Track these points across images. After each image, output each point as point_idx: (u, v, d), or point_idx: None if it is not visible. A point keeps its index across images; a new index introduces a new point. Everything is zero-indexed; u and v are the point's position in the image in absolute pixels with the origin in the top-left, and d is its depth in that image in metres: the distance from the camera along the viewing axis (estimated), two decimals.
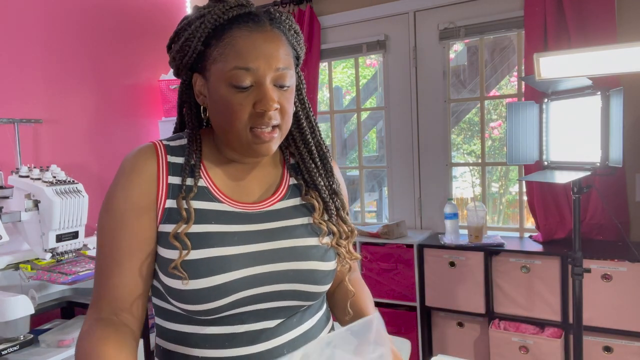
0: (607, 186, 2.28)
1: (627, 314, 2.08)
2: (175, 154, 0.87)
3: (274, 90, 0.81)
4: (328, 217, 0.93)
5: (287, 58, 0.83)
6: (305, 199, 0.92)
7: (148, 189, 0.83)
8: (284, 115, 0.83)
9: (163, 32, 3.12)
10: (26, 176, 1.91)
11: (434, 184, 2.87)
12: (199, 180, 0.86)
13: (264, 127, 0.81)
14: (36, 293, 1.87)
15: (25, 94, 2.39)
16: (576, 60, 1.71)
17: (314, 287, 0.87)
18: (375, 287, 2.68)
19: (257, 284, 0.82)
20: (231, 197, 0.88)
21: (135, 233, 0.82)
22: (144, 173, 0.83)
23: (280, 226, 0.87)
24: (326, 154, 0.96)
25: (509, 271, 2.35)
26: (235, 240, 0.83)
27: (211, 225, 0.83)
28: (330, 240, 0.91)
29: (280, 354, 0.83)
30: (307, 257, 0.86)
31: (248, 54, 0.80)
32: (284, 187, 0.93)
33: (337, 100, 4.09)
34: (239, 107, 0.80)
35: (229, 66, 0.80)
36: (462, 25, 2.68)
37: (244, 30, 0.81)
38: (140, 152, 0.85)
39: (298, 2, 3.01)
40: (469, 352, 2.50)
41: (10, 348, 1.66)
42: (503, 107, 3.58)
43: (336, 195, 0.95)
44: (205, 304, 0.79)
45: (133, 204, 0.82)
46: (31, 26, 2.42)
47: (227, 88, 0.81)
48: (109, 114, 2.80)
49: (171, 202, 0.83)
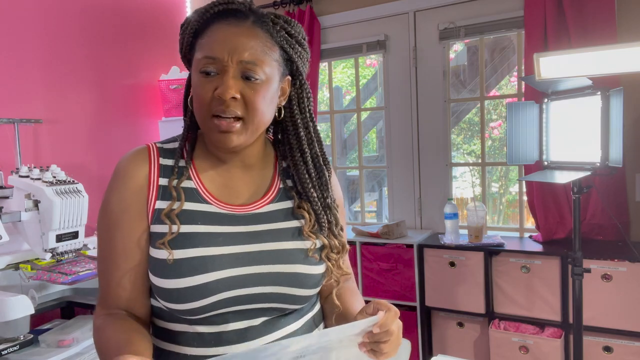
0: (607, 186, 2.28)
1: (627, 314, 2.08)
2: (167, 156, 0.90)
3: (237, 81, 0.82)
4: (319, 230, 0.92)
5: (258, 54, 0.83)
6: (297, 212, 0.92)
7: (139, 192, 0.86)
8: (249, 108, 0.83)
9: (163, 32, 3.12)
10: (26, 176, 1.91)
11: (434, 184, 2.87)
12: (188, 181, 0.88)
13: (223, 115, 0.82)
14: (36, 293, 1.87)
15: (25, 94, 2.39)
16: (576, 60, 1.71)
17: (298, 291, 0.87)
18: (375, 287, 2.68)
19: (239, 285, 0.83)
20: (219, 199, 0.89)
21: (129, 234, 0.85)
22: (136, 176, 0.87)
23: (266, 229, 0.88)
24: (322, 167, 0.95)
25: (509, 271, 2.35)
26: (220, 241, 0.84)
27: (197, 225, 0.85)
28: (320, 252, 0.91)
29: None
30: (291, 260, 0.87)
31: (216, 44, 0.83)
32: (273, 190, 0.94)
33: (337, 100, 4.09)
34: (202, 91, 0.83)
35: (201, 55, 0.84)
36: (462, 25, 2.68)
37: (222, 24, 0.84)
38: (133, 156, 0.89)
39: (298, 2, 3.01)
40: (469, 352, 2.50)
41: (10, 348, 1.66)
42: (503, 107, 3.58)
43: (329, 210, 0.94)
44: (188, 304, 0.81)
45: (126, 207, 0.86)
46: (31, 26, 2.42)
47: (197, 76, 0.84)
48: (109, 114, 2.80)
49: (160, 203, 0.86)
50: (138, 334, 0.81)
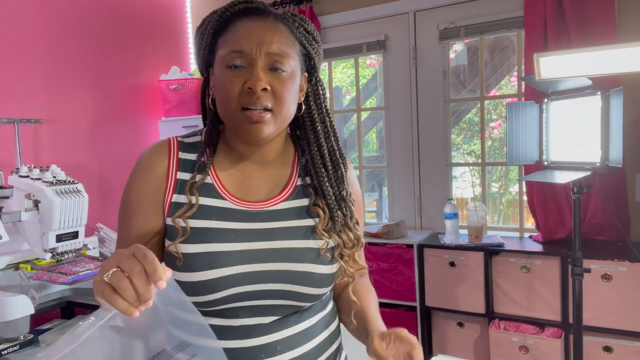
0: (607, 186, 2.28)
1: (627, 314, 2.08)
2: (187, 150, 0.92)
3: (266, 73, 0.84)
4: (332, 225, 0.92)
5: (283, 46, 0.86)
6: (312, 209, 0.92)
7: (158, 184, 0.89)
8: (277, 99, 0.85)
9: (163, 32, 3.12)
10: (26, 176, 1.91)
11: (434, 184, 2.87)
12: (205, 177, 0.90)
13: (253, 106, 0.83)
14: (36, 293, 1.87)
15: (25, 94, 2.39)
16: (576, 60, 1.71)
17: (309, 289, 0.87)
18: (376, 287, 2.66)
19: (250, 282, 0.84)
20: (235, 195, 0.90)
21: (144, 224, 0.88)
22: (154, 169, 0.89)
23: (279, 227, 0.89)
24: (339, 160, 0.96)
25: (509, 271, 2.35)
26: (233, 237, 0.86)
27: (211, 221, 0.86)
28: (333, 251, 0.91)
29: (273, 350, 0.86)
30: (302, 259, 0.87)
31: (243, 38, 0.85)
32: (290, 187, 0.94)
33: (337, 100, 4.09)
34: (230, 85, 0.84)
35: (227, 50, 0.85)
36: (462, 25, 2.68)
37: (245, 20, 0.87)
38: (154, 149, 0.92)
39: (298, 2, 3.01)
40: (469, 352, 2.50)
41: (10, 348, 1.66)
42: (503, 107, 3.58)
43: (344, 202, 0.94)
44: (199, 297, 0.83)
45: (143, 198, 0.89)
46: (31, 26, 2.42)
47: (223, 70, 0.86)
48: (109, 114, 2.80)
49: (177, 197, 0.88)
50: None
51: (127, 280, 0.61)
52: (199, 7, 3.43)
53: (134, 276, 0.61)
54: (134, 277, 0.61)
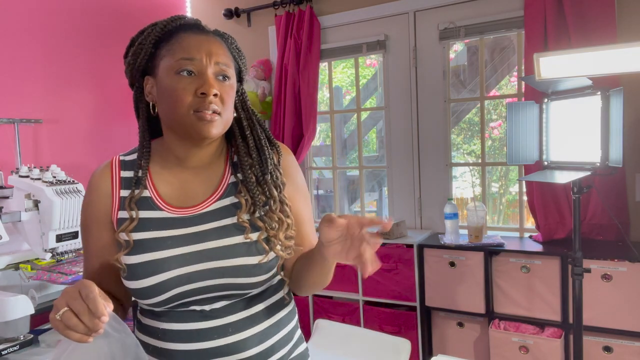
0: (607, 186, 2.28)
1: (627, 314, 2.08)
2: (127, 168, 1.01)
3: (214, 80, 0.92)
4: (254, 210, 0.96)
5: (227, 59, 0.96)
6: (237, 197, 0.98)
7: (104, 203, 0.98)
8: (224, 104, 0.93)
9: None
10: (26, 176, 1.91)
11: (433, 184, 2.87)
12: (143, 191, 0.98)
13: (206, 109, 0.90)
14: (36, 293, 1.87)
15: (25, 94, 2.39)
16: (576, 60, 1.71)
17: (247, 279, 0.94)
18: (375, 287, 2.68)
19: (188, 281, 0.92)
20: (172, 203, 0.98)
21: (99, 240, 0.98)
22: (100, 190, 0.99)
23: (210, 228, 0.95)
24: (264, 147, 1.00)
25: (509, 271, 2.35)
26: (169, 244, 0.94)
27: (150, 232, 0.95)
28: (258, 235, 0.95)
29: (225, 331, 0.94)
30: (234, 254, 0.93)
31: (192, 48, 0.93)
32: (222, 186, 1.00)
33: (337, 100, 4.09)
34: (183, 91, 0.90)
35: (176, 58, 0.92)
36: (462, 25, 2.68)
37: (189, 33, 0.95)
38: (99, 172, 1.01)
39: (298, 2, 3.01)
40: (469, 352, 2.50)
41: (10, 348, 1.66)
42: (503, 107, 3.58)
43: (266, 185, 0.98)
44: (148, 300, 0.93)
45: (93, 217, 0.99)
46: (31, 26, 2.42)
47: (172, 77, 0.92)
48: (109, 114, 2.80)
49: (122, 213, 0.97)
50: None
51: (76, 319, 0.73)
52: (199, 7, 3.43)
53: (81, 315, 0.73)
54: (81, 316, 0.73)
